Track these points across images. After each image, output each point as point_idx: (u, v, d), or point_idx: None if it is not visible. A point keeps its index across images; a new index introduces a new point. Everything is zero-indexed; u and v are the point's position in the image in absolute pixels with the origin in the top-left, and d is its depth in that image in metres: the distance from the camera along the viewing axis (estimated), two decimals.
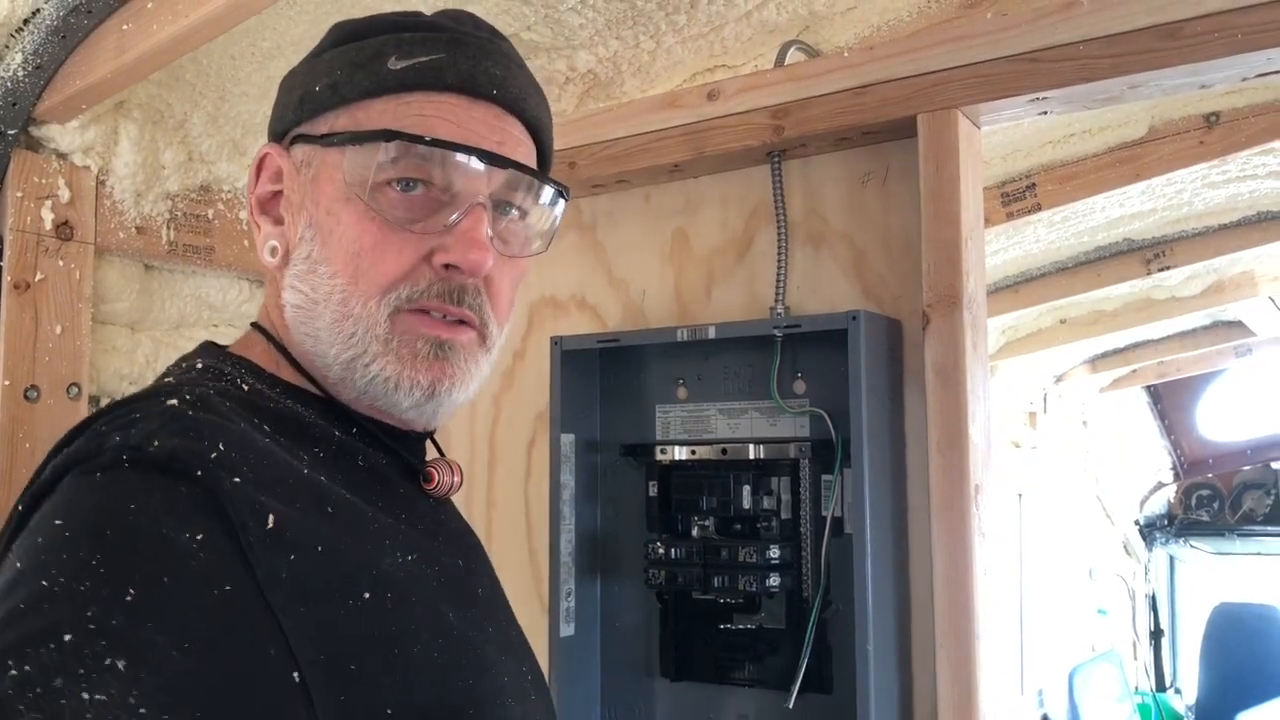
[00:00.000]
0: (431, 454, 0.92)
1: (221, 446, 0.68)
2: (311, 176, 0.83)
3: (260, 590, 0.64)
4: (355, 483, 0.79)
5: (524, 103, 0.86)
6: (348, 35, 0.86)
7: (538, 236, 0.89)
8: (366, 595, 0.70)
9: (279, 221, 0.86)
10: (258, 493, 0.67)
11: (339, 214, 0.81)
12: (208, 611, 0.61)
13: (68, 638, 0.56)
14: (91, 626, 0.57)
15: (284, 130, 0.87)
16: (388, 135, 0.79)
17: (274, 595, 0.65)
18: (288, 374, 0.85)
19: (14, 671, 0.55)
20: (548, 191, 0.87)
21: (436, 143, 0.80)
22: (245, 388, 0.81)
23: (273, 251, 0.85)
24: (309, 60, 0.87)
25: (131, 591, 0.59)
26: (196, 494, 0.64)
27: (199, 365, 0.84)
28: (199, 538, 0.63)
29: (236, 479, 0.66)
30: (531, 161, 0.88)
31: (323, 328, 0.81)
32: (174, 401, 0.70)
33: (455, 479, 0.89)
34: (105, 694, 0.55)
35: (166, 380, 0.81)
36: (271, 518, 0.66)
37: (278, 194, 0.86)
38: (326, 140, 0.82)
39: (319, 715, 0.65)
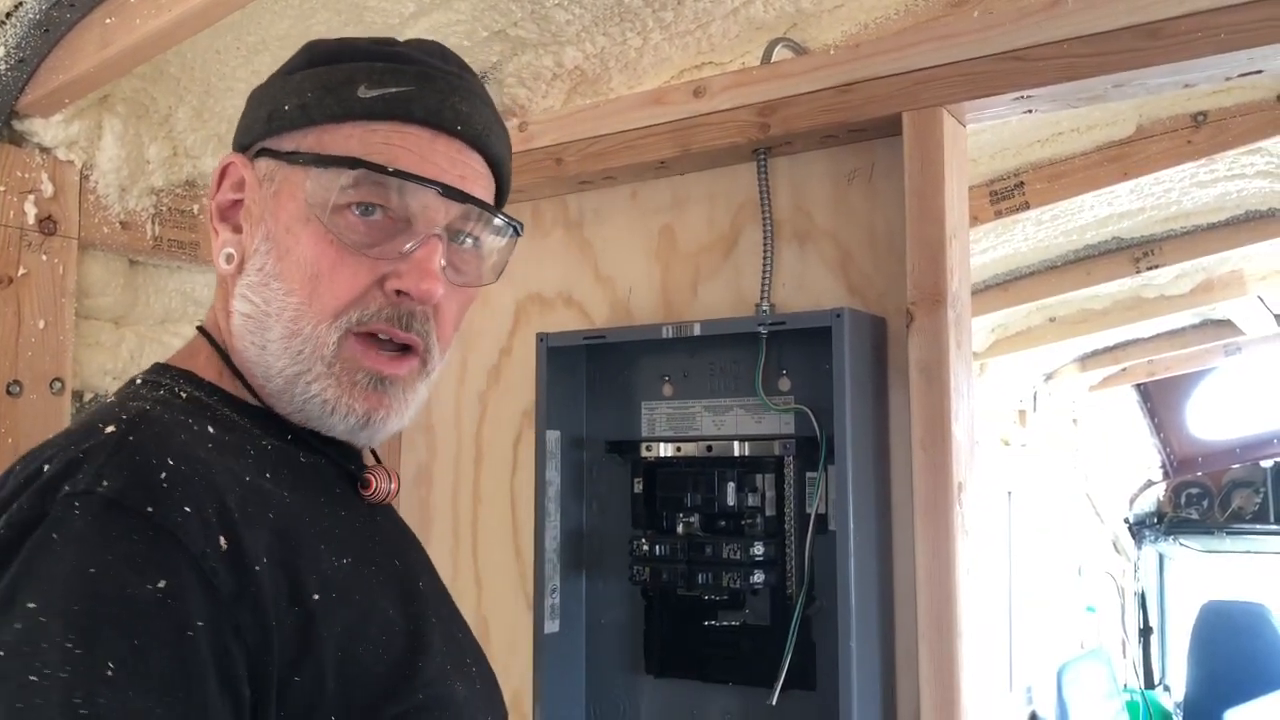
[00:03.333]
0: (371, 461, 0.94)
1: (170, 462, 0.70)
2: (273, 191, 0.85)
3: (228, 612, 0.67)
4: (294, 484, 0.81)
5: (486, 139, 0.89)
6: (320, 57, 0.88)
7: (488, 267, 0.92)
8: (316, 597, 0.73)
9: (237, 230, 0.88)
10: (209, 509, 0.69)
11: (298, 233, 0.83)
12: (182, 659, 0.64)
13: None
14: (83, 712, 0.60)
15: (249, 142, 0.89)
16: (353, 163, 0.82)
17: (240, 614, 0.68)
18: (228, 383, 0.87)
19: None
20: (502, 226, 0.91)
21: (398, 174, 0.82)
22: (183, 395, 0.83)
23: (228, 259, 0.87)
24: (281, 77, 0.90)
25: (111, 666, 0.61)
26: (151, 534, 0.66)
27: (138, 381, 0.86)
28: (161, 585, 0.65)
29: (187, 508, 0.68)
30: (489, 196, 0.91)
31: (271, 340, 0.83)
32: (111, 428, 0.71)
33: (393, 485, 0.92)
34: None
35: (108, 401, 0.84)
36: (223, 539, 0.68)
37: (238, 203, 0.89)
38: (291, 158, 0.85)
39: None
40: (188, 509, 0.68)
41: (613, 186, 1.70)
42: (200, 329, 0.91)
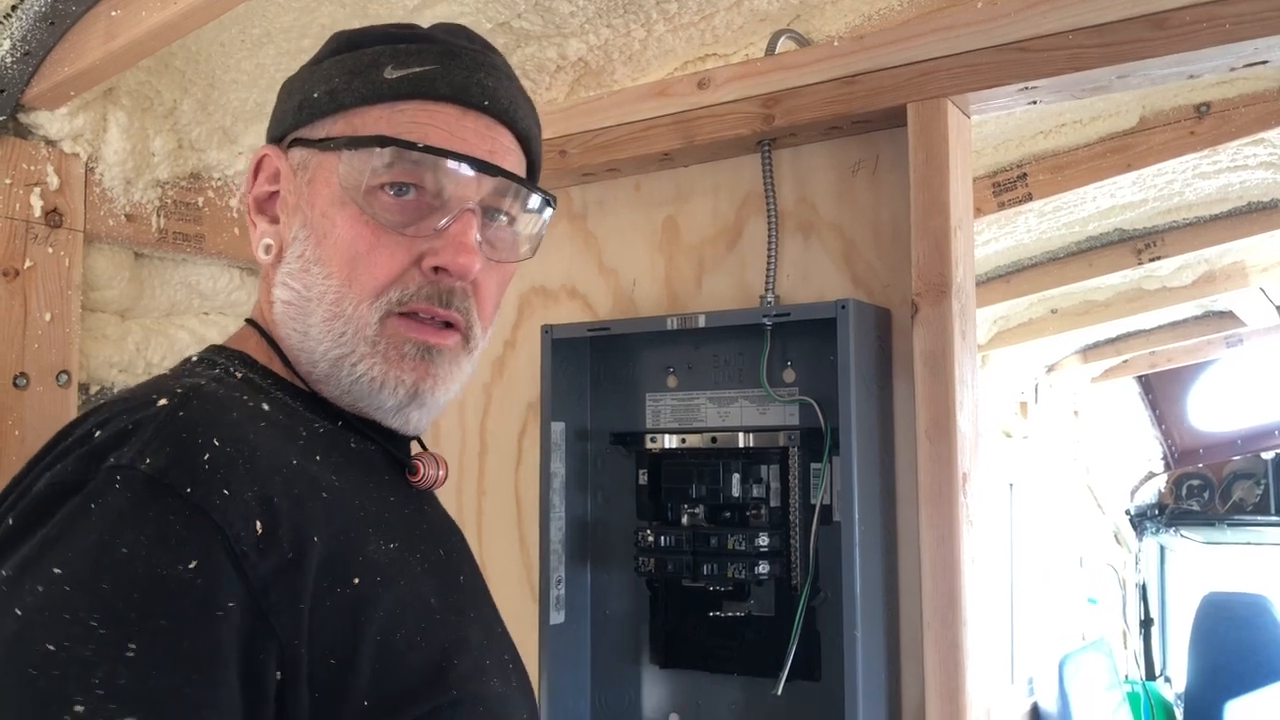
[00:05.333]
0: (418, 449, 0.95)
1: (216, 442, 0.69)
2: (308, 179, 0.86)
3: (256, 596, 0.67)
4: (344, 466, 0.81)
5: (514, 113, 0.89)
6: (345, 44, 0.89)
7: (525, 242, 0.93)
8: (356, 581, 0.73)
9: (275, 220, 0.89)
10: (249, 492, 0.69)
11: (334, 217, 0.84)
12: (209, 641, 0.64)
13: (79, 708, 0.59)
14: (100, 691, 0.59)
15: (283, 134, 0.90)
16: (382, 141, 0.82)
17: (269, 599, 0.67)
18: (278, 368, 0.87)
19: None
20: (535, 199, 0.91)
21: (429, 149, 0.83)
22: (239, 375, 0.84)
23: (267, 249, 0.88)
24: (309, 68, 0.91)
25: (133, 646, 0.61)
26: (188, 514, 0.66)
27: (194, 358, 0.87)
28: (192, 565, 0.65)
29: (226, 490, 0.68)
30: (521, 170, 0.91)
31: (314, 325, 0.84)
32: (163, 402, 0.72)
33: (441, 473, 0.92)
34: None
35: (164, 374, 0.85)
36: (259, 524, 0.68)
37: (274, 194, 0.89)
38: (324, 145, 0.85)
39: (294, 711, 0.68)
40: (227, 491, 0.68)
41: (616, 179, 1.70)
42: (249, 321, 0.92)
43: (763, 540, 1.42)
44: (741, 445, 1.47)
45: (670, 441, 1.53)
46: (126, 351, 1.52)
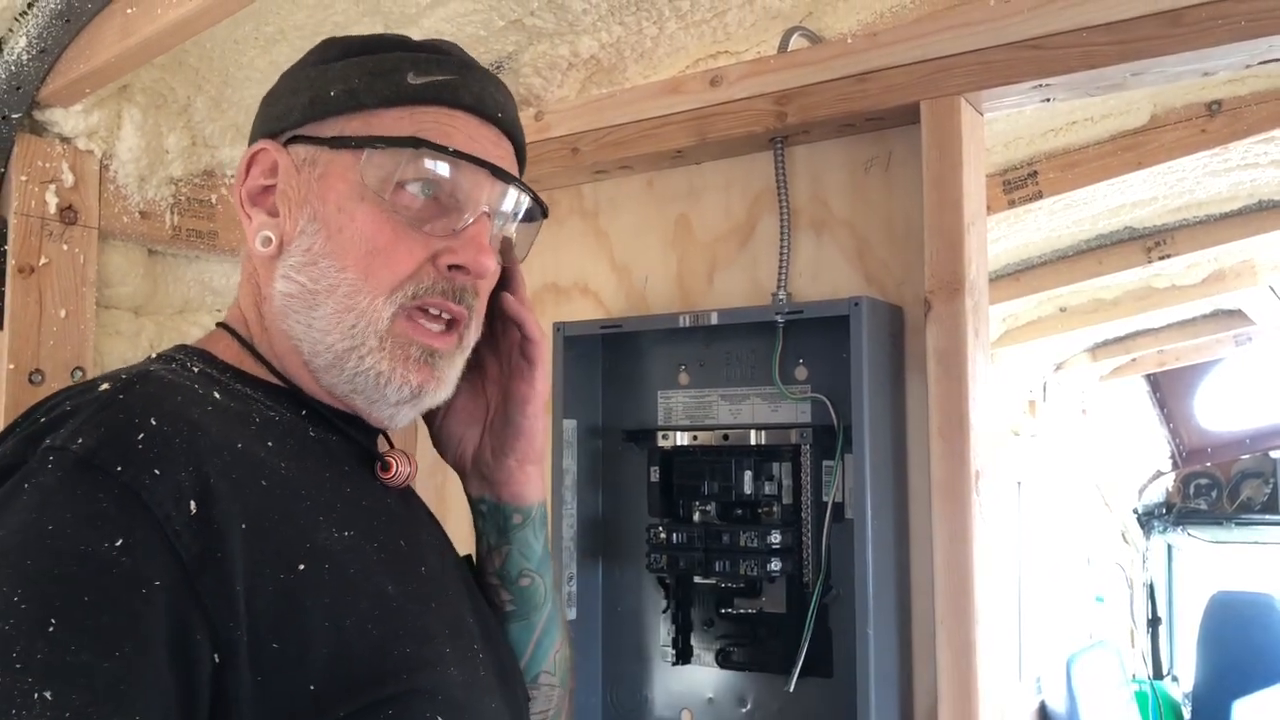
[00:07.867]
0: (385, 446, 0.95)
1: (153, 422, 0.70)
2: (318, 175, 0.87)
3: (189, 576, 0.67)
4: (298, 454, 0.82)
5: (516, 127, 0.95)
6: (358, 49, 0.91)
7: (520, 247, 0.99)
8: (301, 567, 0.73)
9: (273, 214, 0.89)
10: (183, 473, 0.69)
11: (351, 211, 0.85)
12: (133, 616, 0.64)
13: None
14: (18, 665, 0.60)
15: (282, 129, 0.90)
16: (415, 143, 0.85)
17: (203, 579, 0.68)
18: (250, 365, 0.88)
19: None
20: (535, 210, 0.96)
21: (457, 154, 0.86)
22: (195, 370, 0.85)
23: (265, 242, 0.88)
24: (315, 67, 0.91)
25: (53, 621, 0.62)
26: (116, 493, 0.67)
27: (153, 355, 0.88)
28: (119, 543, 0.65)
29: (158, 470, 0.68)
30: None
31: (320, 317, 0.85)
32: (105, 386, 0.73)
33: (411, 469, 0.93)
34: None
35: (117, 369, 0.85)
36: (193, 504, 0.69)
37: (269, 188, 0.90)
38: (340, 142, 0.86)
39: (235, 694, 0.68)
40: (158, 471, 0.68)
41: (629, 176, 1.70)
42: (221, 325, 0.92)
43: (775, 537, 1.42)
44: (754, 442, 1.48)
45: (682, 439, 1.53)
46: (140, 348, 1.52)
